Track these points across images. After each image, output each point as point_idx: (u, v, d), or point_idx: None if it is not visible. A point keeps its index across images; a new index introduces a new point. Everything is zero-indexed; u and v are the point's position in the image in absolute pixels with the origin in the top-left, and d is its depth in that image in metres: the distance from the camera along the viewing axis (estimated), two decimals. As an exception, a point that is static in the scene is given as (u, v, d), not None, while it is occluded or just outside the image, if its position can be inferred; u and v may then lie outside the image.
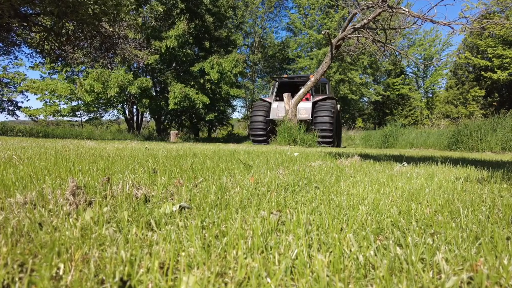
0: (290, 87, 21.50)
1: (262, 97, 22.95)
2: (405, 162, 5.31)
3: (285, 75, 21.79)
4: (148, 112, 30.53)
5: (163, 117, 32.44)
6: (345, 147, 22.34)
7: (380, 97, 45.30)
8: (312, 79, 16.16)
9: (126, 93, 26.93)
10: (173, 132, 24.20)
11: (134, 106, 30.85)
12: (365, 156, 7.07)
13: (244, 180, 2.99)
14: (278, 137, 15.65)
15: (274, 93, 20.42)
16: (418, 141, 21.21)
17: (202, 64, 28.57)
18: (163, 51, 26.74)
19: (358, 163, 5.07)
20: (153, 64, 27.15)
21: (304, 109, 18.96)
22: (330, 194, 2.53)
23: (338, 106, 21.14)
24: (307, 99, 19.67)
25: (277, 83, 21.31)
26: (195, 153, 5.77)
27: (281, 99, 19.86)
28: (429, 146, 20.10)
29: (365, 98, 49.69)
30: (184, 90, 26.12)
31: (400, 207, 2.19)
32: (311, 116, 18.48)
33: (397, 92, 45.98)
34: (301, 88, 18.38)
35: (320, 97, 19.57)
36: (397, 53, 15.19)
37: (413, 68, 49.27)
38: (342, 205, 2.16)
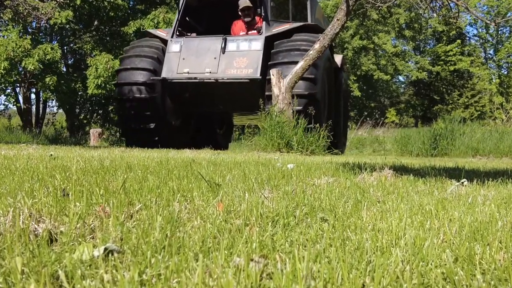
0: (218, 8, 16.41)
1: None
2: (465, 179, 5.35)
3: None
4: (55, 100, 30.31)
5: (78, 108, 32.26)
6: (372, 152, 22.30)
7: (424, 73, 45.25)
8: (317, 46, 14.53)
9: (20, 69, 26.71)
10: (94, 131, 24.13)
11: (33, 90, 30.61)
12: (401, 169, 7.12)
13: (208, 208, 2.99)
14: (261, 138, 13.65)
15: (177, 22, 15.60)
16: (486, 146, 21.34)
17: (140, 21, 28.36)
18: (78, 2, 26.52)
19: (390, 181, 5.10)
20: (63, 23, 26.93)
21: (242, 53, 14.23)
22: (345, 229, 2.54)
23: (339, 58, 17.70)
24: (258, 31, 14.90)
25: None
26: (129, 165, 5.76)
27: (201, 33, 16.07)
28: (502, 153, 20.25)
29: (400, 77, 49.80)
30: (113, 64, 25.91)
31: (457, 250, 2.21)
32: (260, 74, 13.77)
33: (451, 67, 45.90)
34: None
35: (286, 26, 14.67)
36: (451, 4, 15.25)
37: (479, 29, 49.44)
38: (364, 247, 2.17)
